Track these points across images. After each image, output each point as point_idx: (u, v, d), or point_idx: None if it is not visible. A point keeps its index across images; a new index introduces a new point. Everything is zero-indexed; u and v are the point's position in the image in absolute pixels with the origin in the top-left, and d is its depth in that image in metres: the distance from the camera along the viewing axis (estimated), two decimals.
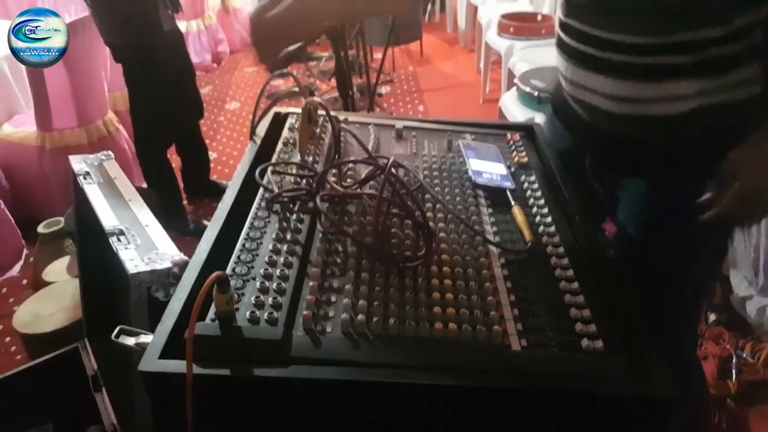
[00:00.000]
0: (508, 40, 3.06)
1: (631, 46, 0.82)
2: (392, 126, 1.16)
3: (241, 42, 5.08)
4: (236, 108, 4.01)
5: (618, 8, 0.82)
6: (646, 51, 0.81)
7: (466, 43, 4.62)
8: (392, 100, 3.97)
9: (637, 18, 0.80)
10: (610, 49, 0.84)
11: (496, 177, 0.98)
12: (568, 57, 0.94)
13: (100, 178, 1.24)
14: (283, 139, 1.06)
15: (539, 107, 2.28)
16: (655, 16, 0.79)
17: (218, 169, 3.18)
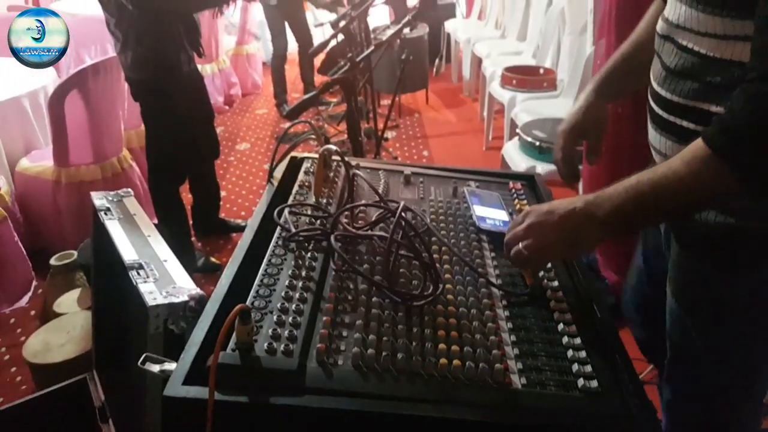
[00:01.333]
0: (511, 91, 3.17)
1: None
2: (401, 172, 1.23)
3: (252, 85, 5.25)
4: (246, 149, 4.11)
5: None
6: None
7: (470, 93, 4.77)
8: (398, 144, 4.07)
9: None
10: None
11: (499, 223, 1.04)
12: None
13: (120, 214, 1.30)
14: (299, 182, 1.12)
15: (540, 156, 2.36)
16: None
17: (226, 208, 3.25)
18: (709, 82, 0.80)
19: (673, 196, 0.75)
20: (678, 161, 0.74)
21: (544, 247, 0.80)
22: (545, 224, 0.80)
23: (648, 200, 0.75)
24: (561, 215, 0.79)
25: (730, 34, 0.77)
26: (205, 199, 2.82)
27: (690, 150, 0.73)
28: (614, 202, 0.77)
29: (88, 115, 2.51)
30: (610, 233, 0.79)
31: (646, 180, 0.75)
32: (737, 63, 0.76)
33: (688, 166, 0.72)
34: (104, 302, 1.42)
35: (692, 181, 0.72)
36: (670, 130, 0.88)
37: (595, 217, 0.77)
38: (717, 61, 0.79)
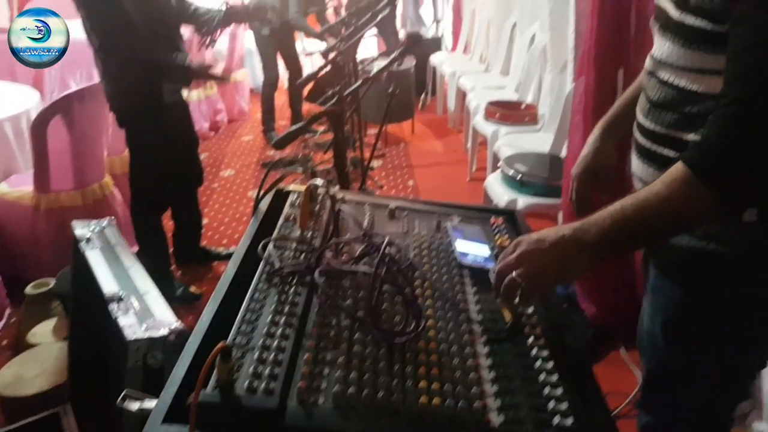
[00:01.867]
0: (494, 125, 3.24)
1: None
2: (386, 206, 1.24)
3: (239, 112, 5.28)
4: (230, 175, 4.11)
5: None
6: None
7: (454, 124, 4.85)
8: (384, 173, 4.11)
9: None
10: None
11: (480, 258, 1.05)
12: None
13: (102, 244, 1.29)
14: (285, 215, 1.13)
15: (522, 189, 2.40)
16: None
17: (208, 235, 3.22)
18: (687, 113, 0.87)
19: (656, 217, 0.79)
20: (659, 184, 0.78)
21: (537, 274, 0.82)
22: (536, 252, 0.82)
23: (633, 223, 0.79)
24: (551, 242, 0.82)
25: (706, 68, 0.84)
26: (186, 227, 2.81)
27: (670, 173, 0.78)
28: (601, 227, 0.80)
29: (72, 141, 2.49)
30: (598, 258, 0.82)
31: (630, 204, 0.79)
32: (711, 95, 0.82)
33: (669, 188, 0.77)
34: (81, 334, 1.40)
35: (674, 202, 0.77)
36: (653, 158, 0.95)
37: (584, 243, 0.80)
38: (694, 94, 0.86)
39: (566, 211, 2.24)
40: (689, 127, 0.87)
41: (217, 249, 3.00)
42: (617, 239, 0.80)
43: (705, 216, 0.80)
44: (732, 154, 0.74)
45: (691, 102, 0.87)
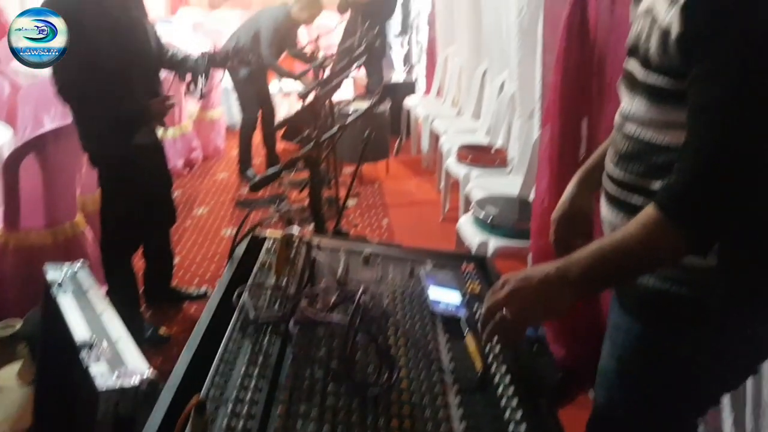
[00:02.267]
0: (466, 167, 3.32)
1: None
2: (360, 252, 1.27)
3: (214, 149, 5.28)
4: (204, 213, 4.09)
5: None
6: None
7: (428, 165, 4.94)
8: (358, 212, 4.14)
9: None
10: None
11: (452, 306, 1.08)
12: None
13: (74, 288, 1.28)
14: (260, 262, 1.15)
15: (492, 231, 2.46)
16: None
17: (179, 275, 3.18)
18: (653, 163, 0.95)
19: (632, 256, 0.86)
20: (634, 226, 0.86)
21: (526, 310, 0.87)
22: (524, 289, 0.87)
23: (611, 262, 0.86)
24: (538, 280, 0.88)
25: (669, 122, 0.91)
26: (157, 266, 2.77)
27: (644, 215, 0.86)
28: (583, 265, 0.87)
29: (44, 180, 2.47)
30: (581, 294, 0.89)
31: (608, 244, 0.87)
32: (674, 147, 0.90)
33: (643, 229, 0.85)
34: (49, 379, 1.37)
35: (647, 242, 0.84)
36: (621, 205, 1.01)
37: (568, 280, 0.86)
38: (659, 146, 0.94)
39: (535, 253, 2.30)
40: (655, 176, 0.94)
41: (188, 289, 2.97)
42: (598, 276, 0.88)
43: (675, 254, 0.87)
44: (697, 198, 0.82)
45: (656, 153, 0.94)
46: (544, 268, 0.89)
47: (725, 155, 0.81)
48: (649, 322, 1.02)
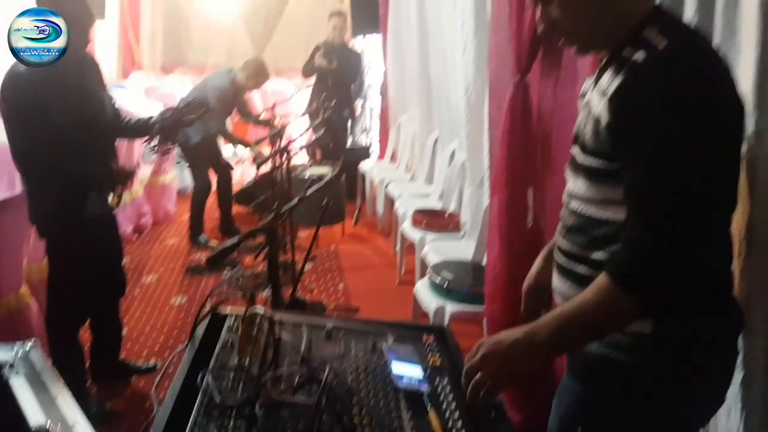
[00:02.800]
0: (421, 231, 3.42)
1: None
2: (323, 326, 1.29)
3: (164, 214, 5.19)
4: (152, 281, 3.98)
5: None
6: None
7: (383, 227, 5.02)
8: (314, 277, 4.13)
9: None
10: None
11: (414, 381, 1.12)
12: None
13: (26, 370, 1.24)
14: (222, 342, 1.15)
15: (449, 296, 2.52)
16: None
17: (127, 347, 3.04)
18: (595, 236, 1.04)
19: (589, 319, 0.95)
20: (589, 291, 0.95)
21: (498, 372, 0.96)
22: (496, 353, 0.96)
23: (572, 325, 0.95)
24: (507, 345, 0.96)
25: (606, 199, 1.02)
26: (105, 339, 2.66)
27: (597, 282, 0.95)
28: (548, 329, 0.95)
29: None
30: (548, 356, 0.99)
31: (569, 309, 0.96)
32: (613, 221, 1.00)
33: (596, 295, 0.94)
34: None
35: (600, 306, 0.94)
36: (569, 275, 1.10)
37: (535, 344, 0.95)
38: (598, 220, 1.04)
39: (489, 318, 2.37)
40: (596, 248, 1.04)
41: (137, 362, 2.85)
42: (562, 339, 0.96)
43: (626, 317, 0.95)
44: (639, 265, 0.92)
45: (596, 227, 1.04)
46: (513, 332, 0.97)
47: (658, 229, 0.91)
48: (590, 384, 1.10)
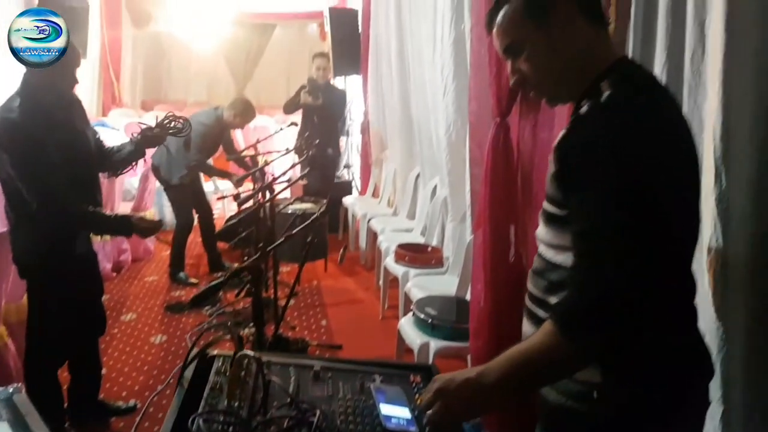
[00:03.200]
0: (404, 266, 3.44)
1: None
2: (311, 367, 1.29)
3: (144, 251, 5.14)
4: (132, 319, 3.91)
5: None
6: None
7: (366, 262, 5.03)
8: (296, 313, 4.10)
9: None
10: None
11: (403, 421, 1.12)
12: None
13: (10, 416, 1.21)
14: (211, 384, 1.15)
15: (433, 333, 2.52)
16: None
17: (106, 387, 2.97)
18: (552, 280, 1.07)
19: (534, 365, 0.95)
20: (537, 336, 0.95)
21: (448, 411, 0.96)
22: (446, 390, 0.97)
23: (519, 370, 0.95)
24: (458, 384, 0.97)
25: (560, 245, 1.04)
26: (84, 379, 2.60)
27: (544, 326, 0.95)
28: (498, 371, 0.96)
29: None
30: (498, 399, 0.98)
31: (516, 352, 0.96)
32: (564, 267, 1.02)
33: (542, 339, 0.93)
34: None
35: (546, 352, 0.93)
36: (532, 317, 1.12)
37: (484, 386, 0.95)
38: (555, 265, 1.06)
39: (474, 353, 2.38)
40: (552, 292, 1.06)
41: (116, 403, 2.79)
42: (510, 383, 0.96)
43: (569, 365, 0.96)
44: (582, 314, 0.91)
45: (553, 271, 1.07)
46: (468, 372, 0.98)
47: (598, 276, 0.90)
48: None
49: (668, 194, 0.92)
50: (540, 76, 1.06)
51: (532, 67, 1.05)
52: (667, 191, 0.92)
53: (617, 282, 0.89)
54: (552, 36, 1.03)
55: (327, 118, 5.26)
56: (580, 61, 1.04)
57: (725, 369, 1.35)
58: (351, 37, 5.79)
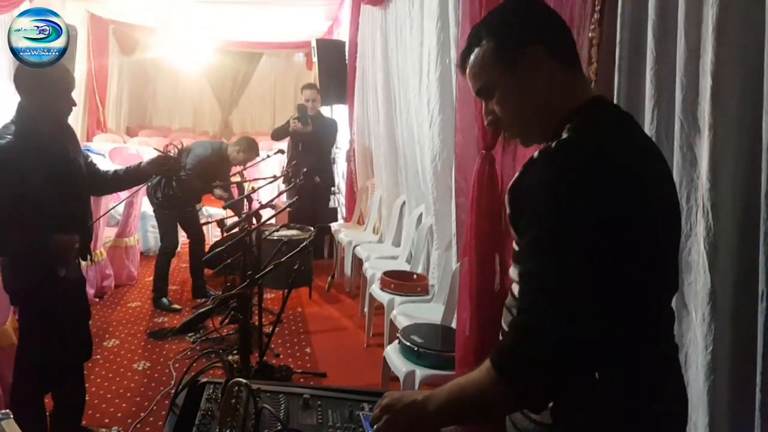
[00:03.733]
0: (390, 294, 3.46)
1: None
2: (300, 395, 1.31)
3: (127, 277, 5.09)
4: (115, 345, 3.86)
5: None
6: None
7: (350, 289, 5.04)
8: (280, 341, 4.08)
9: None
10: None
11: None
12: None
13: None
14: (202, 410, 1.16)
15: (419, 361, 2.54)
16: None
17: (89, 414, 2.92)
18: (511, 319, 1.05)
19: (472, 400, 0.96)
20: (475, 372, 0.96)
21: (390, 428, 1.00)
22: (392, 409, 1.01)
23: (457, 404, 0.97)
24: (403, 405, 1.01)
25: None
26: (68, 405, 2.56)
27: (484, 364, 0.95)
28: (440, 399, 0.98)
29: None
30: (438, 425, 1.00)
31: (457, 385, 0.98)
32: None
33: (479, 376, 0.94)
34: None
35: (481, 388, 0.94)
36: None
37: (427, 411, 0.98)
38: (515, 302, 1.03)
39: None
40: None
41: (99, 429, 2.75)
42: (448, 413, 0.99)
43: (502, 405, 0.97)
44: (518, 356, 0.90)
45: (514, 308, 1.01)
46: (417, 393, 1.02)
47: (542, 321, 0.89)
48: None
49: (611, 238, 0.89)
50: (511, 118, 1.07)
51: (503, 109, 1.06)
52: (609, 235, 0.89)
53: (552, 328, 0.88)
54: (522, 80, 1.03)
55: (317, 145, 5.27)
56: (551, 103, 1.04)
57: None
58: (338, 68, 5.91)
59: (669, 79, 1.47)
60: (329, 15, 7.62)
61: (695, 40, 1.38)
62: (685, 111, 1.42)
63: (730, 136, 1.32)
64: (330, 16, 7.67)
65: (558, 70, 1.04)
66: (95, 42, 9.11)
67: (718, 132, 1.32)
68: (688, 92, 1.40)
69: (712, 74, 1.31)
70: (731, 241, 1.35)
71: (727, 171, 1.33)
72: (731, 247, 1.35)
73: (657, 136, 1.50)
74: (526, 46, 1.03)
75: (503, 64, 1.04)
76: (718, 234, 1.35)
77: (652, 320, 1.01)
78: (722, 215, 1.34)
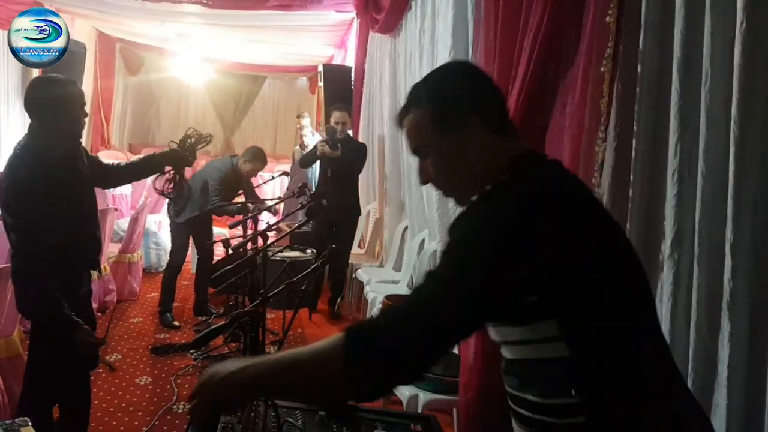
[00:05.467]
0: None
1: None
2: (316, 410, 1.35)
3: (129, 292, 5.11)
4: (117, 359, 3.87)
5: None
6: None
7: (350, 311, 5.06)
8: None
9: None
10: None
11: None
12: None
13: None
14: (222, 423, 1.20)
15: (422, 386, 2.56)
16: None
17: (92, 427, 2.92)
18: (519, 376, 1.04)
19: (306, 364, 0.93)
20: (322, 342, 0.94)
21: (202, 406, 0.95)
22: (207, 385, 0.95)
23: (288, 365, 0.94)
24: (219, 378, 0.94)
25: (509, 340, 1.03)
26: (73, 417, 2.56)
27: (335, 335, 0.93)
28: (261, 367, 0.94)
29: None
30: (254, 396, 0.98)
31: (290, 353, 0.96)
32: (519, 360, 1.02)
33: (327, 343, 0.92)
34: None
35: (321, 354, 0.91)
36: (514, 414, 1.09)
37: (243, 380, 0.92)
38: (511, 361, 1.05)
39: (463, 407, 2.42)
40: (524, 388, 1.02)
41: None
42: (266, 382, 0.94)
43: (335, 382, 0.91)
44: (374, 339, 0.91)
45: (514, 367, 1.04)
46: (234, 364, 0.95)
47: (414, 313, 0.93)
48: None
49: (526, 273, 0.93)
50: (444, 180, 1.11)
51: (437, 171, 1.09)
52: (524, 271, 0.93)
53: (423, 332, 0.90)
54: (456, 145, 1.06)
55: (347, 172, 4.72)
56: (483, 168, 1.06)
57: None
58: (343, 93, 6.02)
59: (693, 114, 1.44)
60: (334, 41, 7.80)
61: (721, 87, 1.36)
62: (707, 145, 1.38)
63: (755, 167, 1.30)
64: (335, 43, 7.84)
65: (490, 138, 1.07)
66: (102, 60, 9.26)
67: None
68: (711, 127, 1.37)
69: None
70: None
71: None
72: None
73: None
74: (462, 115, 1.06)
75: (440, 130, 1.07)
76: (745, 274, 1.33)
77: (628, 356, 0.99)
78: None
